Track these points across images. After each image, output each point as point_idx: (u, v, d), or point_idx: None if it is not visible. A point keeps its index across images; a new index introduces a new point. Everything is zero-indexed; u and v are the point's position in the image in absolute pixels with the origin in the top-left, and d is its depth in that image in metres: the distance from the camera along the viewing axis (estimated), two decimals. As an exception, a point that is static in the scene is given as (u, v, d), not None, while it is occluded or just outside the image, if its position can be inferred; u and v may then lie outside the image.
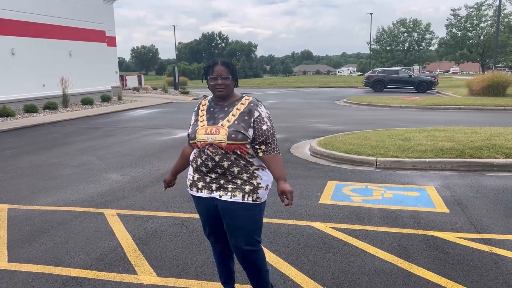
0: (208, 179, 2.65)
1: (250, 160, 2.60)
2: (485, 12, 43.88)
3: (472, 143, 7.76)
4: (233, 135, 2.53)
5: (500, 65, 45.73)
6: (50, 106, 17.67)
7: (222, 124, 2.58)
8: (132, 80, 34.94)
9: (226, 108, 2.64)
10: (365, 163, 7.24)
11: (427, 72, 55.59)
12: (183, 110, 18.47)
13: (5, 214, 5.05)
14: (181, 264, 3.64)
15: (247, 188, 2.60)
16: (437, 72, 57.81)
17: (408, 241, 4.06)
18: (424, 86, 28.10)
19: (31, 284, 3.34)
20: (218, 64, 2.61)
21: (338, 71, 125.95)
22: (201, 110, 2.74)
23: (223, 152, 2.57)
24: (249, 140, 2.56)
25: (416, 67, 53.20)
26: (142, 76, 38.81)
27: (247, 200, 2.60)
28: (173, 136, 10.81)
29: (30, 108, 16.61)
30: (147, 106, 20.42)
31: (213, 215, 2.74)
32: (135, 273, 3.50)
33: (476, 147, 7.46)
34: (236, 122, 2.57)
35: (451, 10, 45.94)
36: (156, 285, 3.30)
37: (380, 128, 10.52)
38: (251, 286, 3.10)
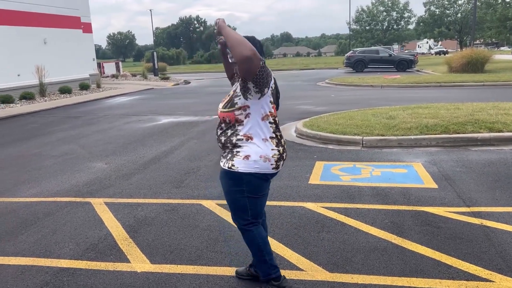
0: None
1: (238, 127, 2.60)
2: (462, -11, 44.28)
3: (455, 119, 7.84)
4: (226, 104, 2.62)
5: (477, 42, 46.36)
6: (27, 96, 17.18)
7: (228, 95, 2.66)
8: (110, 67, 34.20)
9: None
10: (352, 142, 7.26)
11: (406, 51, 56.01)
12: (165, 96, 18.22)
13: (-12, 207, 4.90)
14: (175, 250, 3.58)
15: (228, 155, 2.65)
16: (416, 51, 58.29)
17: (399, 217, 4.08)
18: (404, 65, 28.30)
19: (20, 277, 3.25)
20: None
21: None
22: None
23: (219, 120, 2.70)
24: (238, 104, 2.56)
25: (396, 46, 53.44)
26: (120, 63, 37.99)
27: (224, 166, 2.67)
28: (156, 123, 10.65)
29: (5, 98, 16.11)
30: (127, 93, 20.06)
31: None
32: (127, 261, 3.43)
33: (459, 123, 7.54)
34: (235, 90, 2.61)
35: (429, -13, 46.19)
36: (150, 272, 3.25)
37: (364, 108, 10.55)
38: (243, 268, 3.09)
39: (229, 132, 2.62)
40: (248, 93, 2.52)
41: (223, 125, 2.65)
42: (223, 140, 2.65)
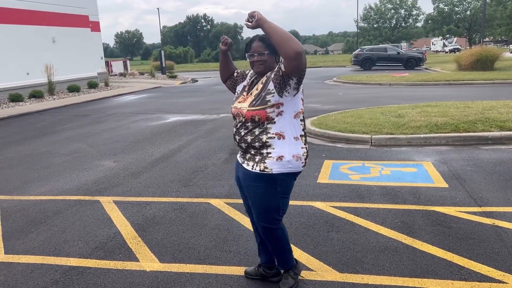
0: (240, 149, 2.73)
1: (268, 126, 2.51)
2: (472, -14, 43.87)
3: (465, 117, 7.76)
4: (255, 102, 2.51)
5: (487, 39, 45.93)
6: (36, 94, 17.30)
7: (251, 93, 2.58)
8: (117, 66, 34.36)
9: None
10: (360, 141, 7.21)
11: (414, 49, 55.68)
12: (172, 95, 18.25)
13: (-2, 205, 4.93)
14: (183, 249, 3.58)
15: (257, 158, 2.57)
16: (424, 49, 57.90)
17: (410, 217, 4.04)
18: (412, 62, 28.10)
19: (30, 276, 3.26)
20: (255, 40, 2.56)
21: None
22: (246, 84, 2.74)
23: (241, 120, 2.58)
24: (271, 101, 2.47)
25: (404, 44, 53.13)
26: (128, 61, 38.13)
27: (254, 169, 2.57)
28: (164, 121, 10.66)
29: (15, 97, 16.25)
30: (135, 92, 20.13)
31: (239, 185, 2.80)
32: (136, 260, 3.43)
33: (470, 121, 7.46)
34: (262, 88, 2.53)
35: (438, -15, 45.79)
36: (159, 271, 3.24)
37: (372, 106, 10.48)
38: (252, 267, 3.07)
39: (257, 131, 2.52)
40: (285, 90, 2.43)
41: (249, 124, 2.53)
42: (249, 140, 2.54)
